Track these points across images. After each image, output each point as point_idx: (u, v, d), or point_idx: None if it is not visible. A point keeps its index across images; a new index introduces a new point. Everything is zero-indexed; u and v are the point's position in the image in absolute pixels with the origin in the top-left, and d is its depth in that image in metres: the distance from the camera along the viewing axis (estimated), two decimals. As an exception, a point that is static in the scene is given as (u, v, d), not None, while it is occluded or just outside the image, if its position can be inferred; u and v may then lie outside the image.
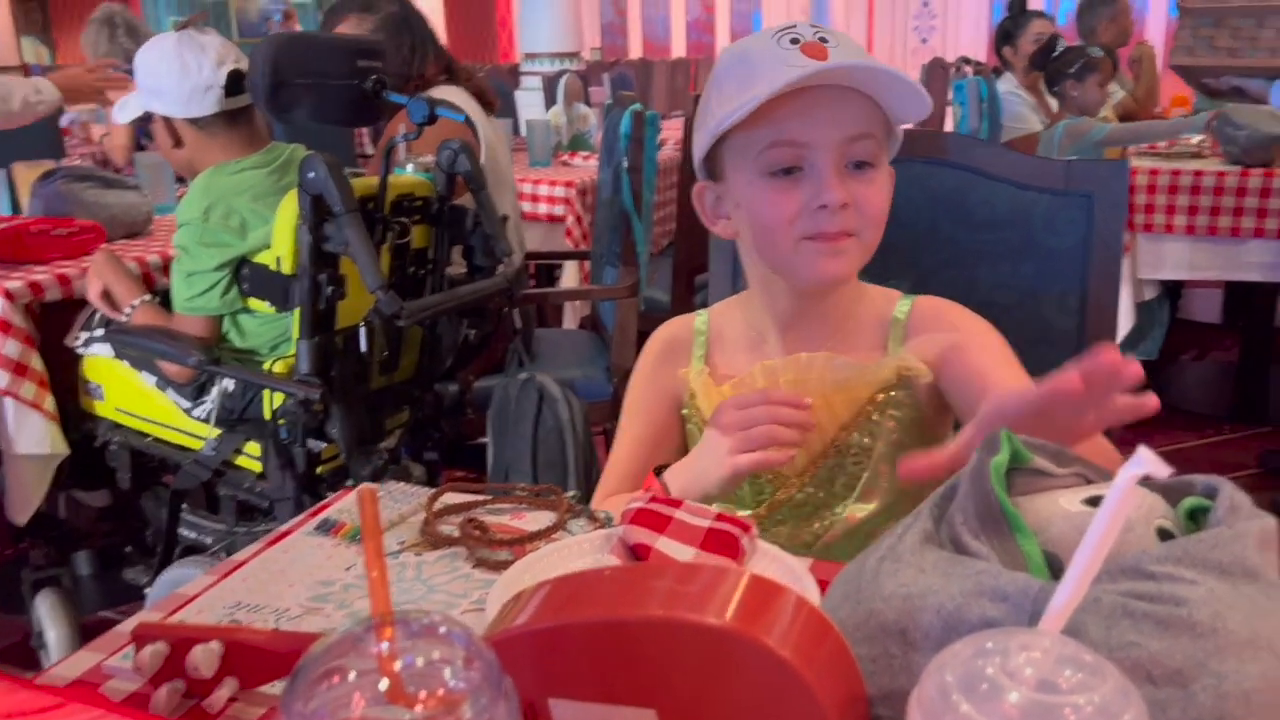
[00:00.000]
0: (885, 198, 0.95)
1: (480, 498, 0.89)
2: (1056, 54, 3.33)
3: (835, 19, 11.01)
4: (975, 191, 1.13)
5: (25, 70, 9.24)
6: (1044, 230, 1.10)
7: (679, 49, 13.44)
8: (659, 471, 0.94)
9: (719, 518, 0.78)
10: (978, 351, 0.97)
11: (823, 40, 0.89)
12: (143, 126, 3.48)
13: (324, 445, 1.80)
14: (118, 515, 2.15)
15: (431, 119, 1.74)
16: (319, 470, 1.84)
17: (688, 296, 3.11)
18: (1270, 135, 2.79)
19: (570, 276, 3.25)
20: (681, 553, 0.74)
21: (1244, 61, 2.40)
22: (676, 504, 0.79)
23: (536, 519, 0.87)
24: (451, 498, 0.89)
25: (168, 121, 1.87)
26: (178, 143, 1.87)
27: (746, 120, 0.89)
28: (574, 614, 0.51)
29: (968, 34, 12.10)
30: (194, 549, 2.00)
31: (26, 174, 2.35)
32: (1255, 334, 3.35)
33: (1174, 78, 3.21)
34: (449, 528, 0.85)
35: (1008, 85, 3.72)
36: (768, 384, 0.97)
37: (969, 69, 4.96)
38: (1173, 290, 3.56)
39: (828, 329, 1.01)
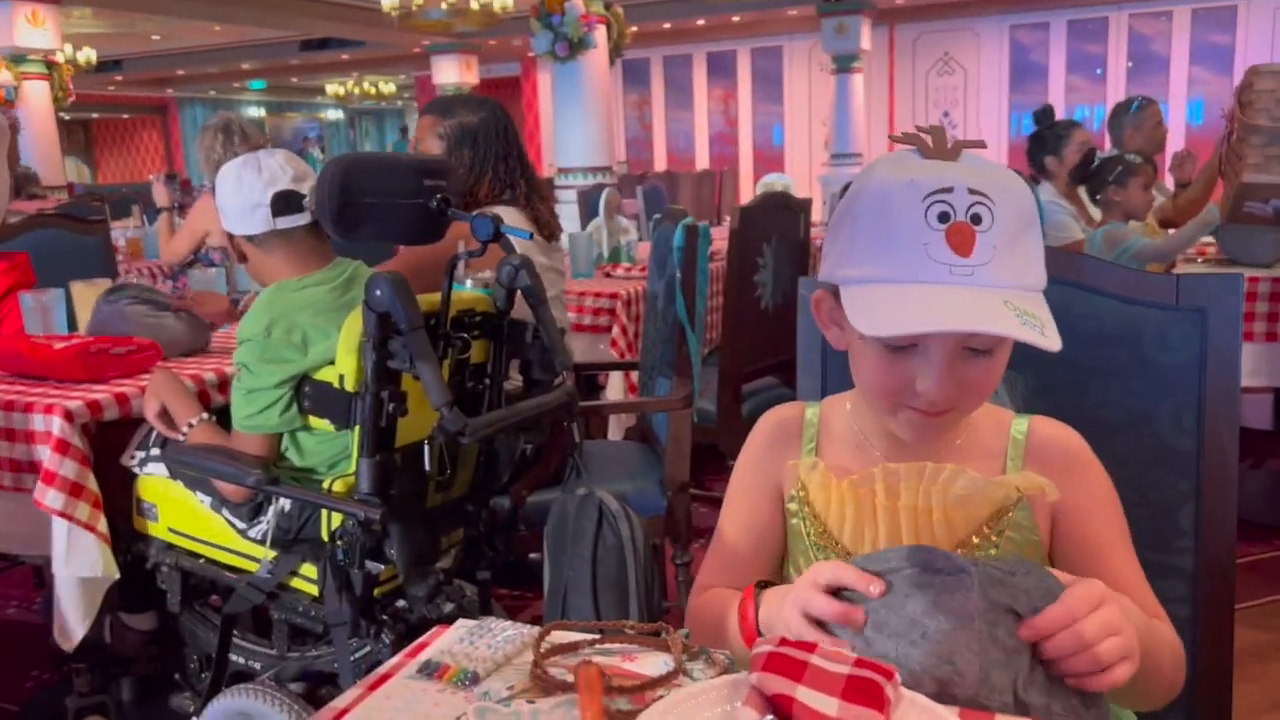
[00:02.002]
0: (997, 376, 0.92)
1: (588, 637, 0.84)
2: (1095, 164, 3.34)
3: (857, 132, 11.22)
4: (1079, 306, 1.09)
5: (69, 188, 9.52)
6: (1155, 346, 1.06)
7: (703, 161, 13.72)
8: (760, 587, 0.92)
9: (858, 663, 0.73)
10: (1099, 521, 0.96)
11: (975, 220, 0.82)
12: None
13: (381, 567, 1.75)
14: (164, 639, 2.09)
15: (496, 236, 1.74)
16: (375, 592, 1.78)
17: (735, 406, 3.08)
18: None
19: (615, 387, 3.22)
20: (825, 704, 0.69)
21: None
22: (810, 648, 0.74)
23: (650, 661, 0.82)
24: (558, 636, 0.84)
25: (232, 238, 1.89)
26: (242, 257, 1.89)
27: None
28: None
29: (988, 143, 12.30)
30: (241, 675, 1.93)
31: (84, 292, 2.36)
32: (1317, 441, 3.26)
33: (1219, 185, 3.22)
34: (559, 671, 0.79)
35: (1047, 194, 3.72)
36: (887, 487, 0.93)
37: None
38: (1226, 396, 3.49)
39: (937, 450, 0.97)
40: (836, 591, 0.82)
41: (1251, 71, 2.57)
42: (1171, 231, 3.65)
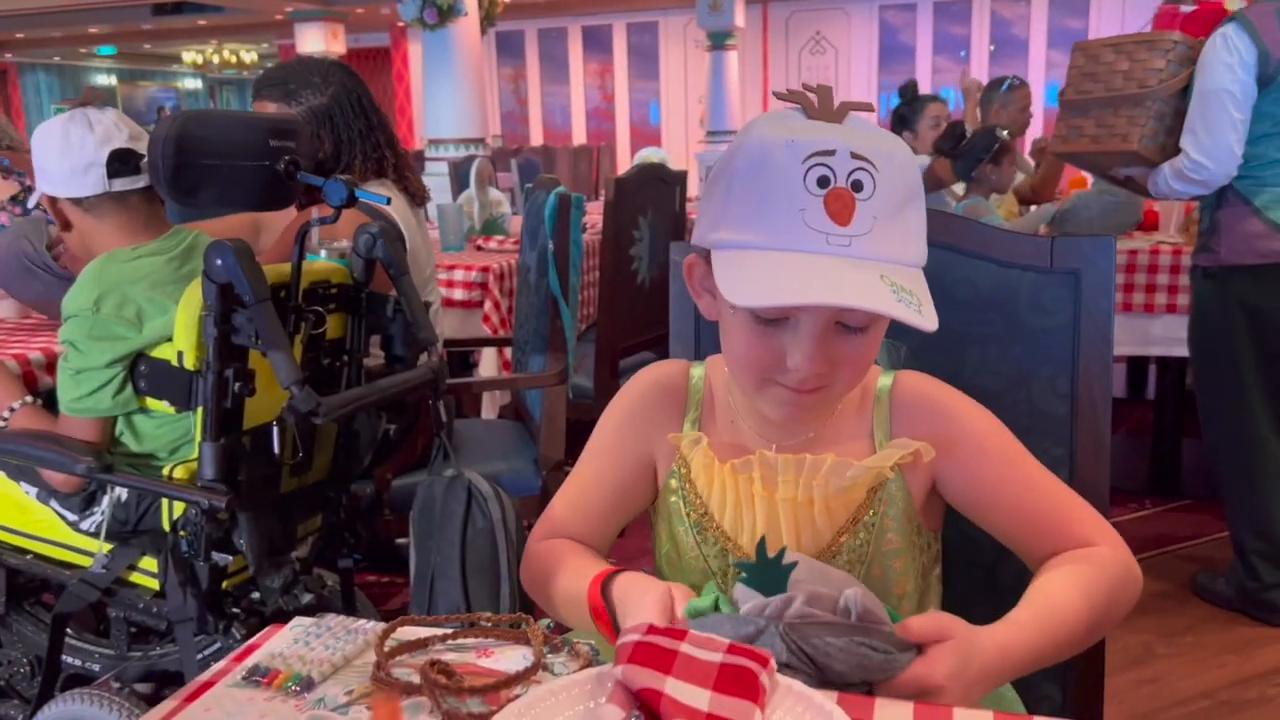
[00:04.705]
0: (870, 353, 0.87)
1: (439, 631, 0.76)
2: (967, 140, 3.39)
3: (732, 109, 11.26)
4: (955, 270, 1.06)
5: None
6: (1030, 310, 1.04)
7: (580, 136, 13.58)
8: (610, 580, 0.85)
9: (731, 649, 0.67)
10: (984, 461, 0.92)
11: (857, 187, 0.77)
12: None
13: (230, 558, 1.62)
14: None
15: (350, 202, 1.63)
16: (224, 585, 1.66)
17: (612, 382, 3.02)
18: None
19: (489, 364, 3.13)
20: (695, 697, 0.63)
21: (1105, 147, 2.57)
22: (680, 635, 0.68)
23: (508, 655, 0.74)
24: (406, 632, 0.76)
25: (53, 202, 1.72)
26: (66, 225, 1.72)
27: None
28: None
29: (859, 121, 12.54)
30: (79, 678, 1.78)
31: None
32: (1167, 408, 3.40)
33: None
34: (405, 671, 0.72)
35: (915, 166, 3.77)
36: (763, 477, 0.89)
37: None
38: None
39: (807, 428, 0.93)
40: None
41: (1072, 49, 2.71)
42: (1025, 210, 3.78)
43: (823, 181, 0.76)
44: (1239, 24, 2.24)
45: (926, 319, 0.77)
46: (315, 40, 11.68)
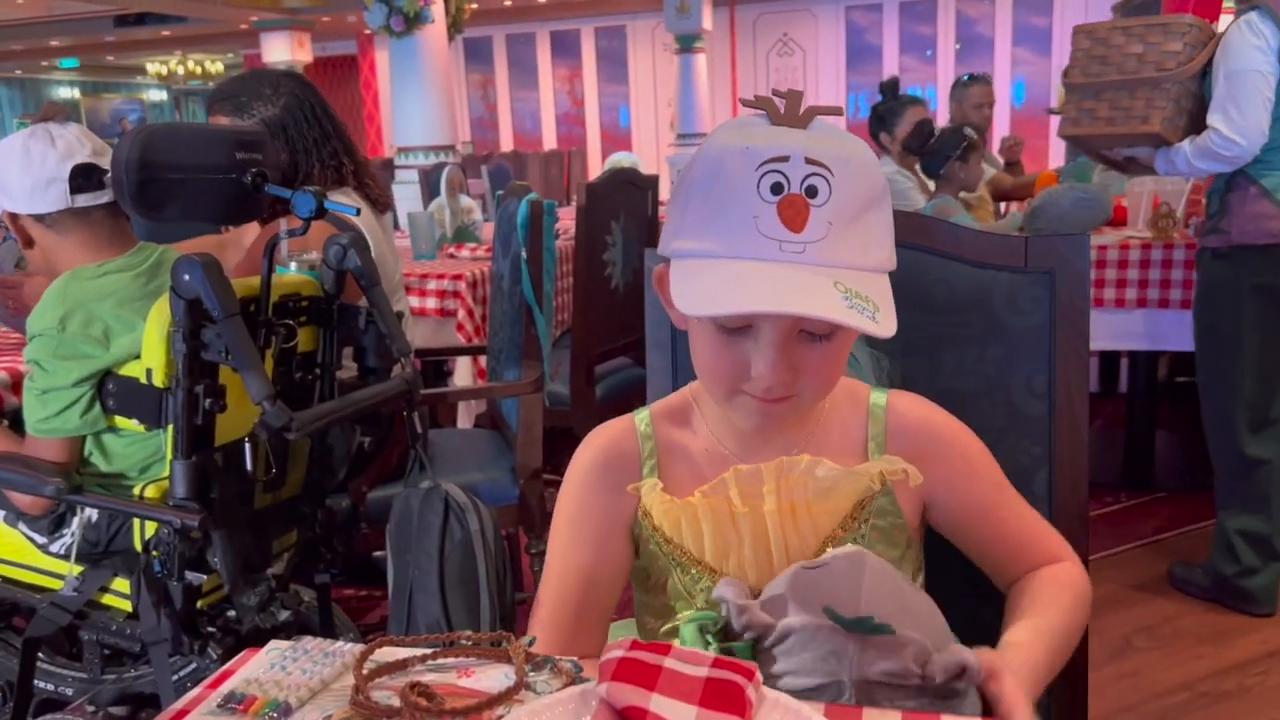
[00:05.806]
0: (837, 363, 0.85)
1: (418, 652, 0.75)
2: (935, 138, 3.40)
3: (702, 112, 11.29)
4: (930, 271, 1.06)
5: None
6: (1007, 310, 1.04)
7: (550, 141, 13.56)
8: None
9: (716, 663, 0.66)
10: (972, 489, 0.94)
11: (811, 192, 0.76)
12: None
13: (204, 577, 1.60)
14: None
15: (320, 213, 1.61)
16: (199, 604, 1.64)
17: (588, 388, 3.01)
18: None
19: (464, 373, 3.11)
20: (681, 713, 0.62)
21: (1120, 129, 2.59)
22: (664, 650, 0.67)
23: (489, 675, 0.73)
24: (384, 654, 0.75)
25: (14, 219, 1.69)
26: (28, 242, 1.69)
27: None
28: None
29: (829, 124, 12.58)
30: (52, 703, 1.75)
31: None
32: (1140, 402, 3.42)
33: (1037, 158, 3.35)
34: (384, 694, 0.70)
35: (889, 168, 3.79)
36: (742, 492, 0.87)
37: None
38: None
39: (794, 435, 0.92)
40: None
41: (1073, 32, 2.72)
42: (999, 209, 3.80)
43: (776, 188, 0.76)
44: (1262, 11, 2.31)
45: (882, 326, 0.76)
46: (281, 49, 11.59)
